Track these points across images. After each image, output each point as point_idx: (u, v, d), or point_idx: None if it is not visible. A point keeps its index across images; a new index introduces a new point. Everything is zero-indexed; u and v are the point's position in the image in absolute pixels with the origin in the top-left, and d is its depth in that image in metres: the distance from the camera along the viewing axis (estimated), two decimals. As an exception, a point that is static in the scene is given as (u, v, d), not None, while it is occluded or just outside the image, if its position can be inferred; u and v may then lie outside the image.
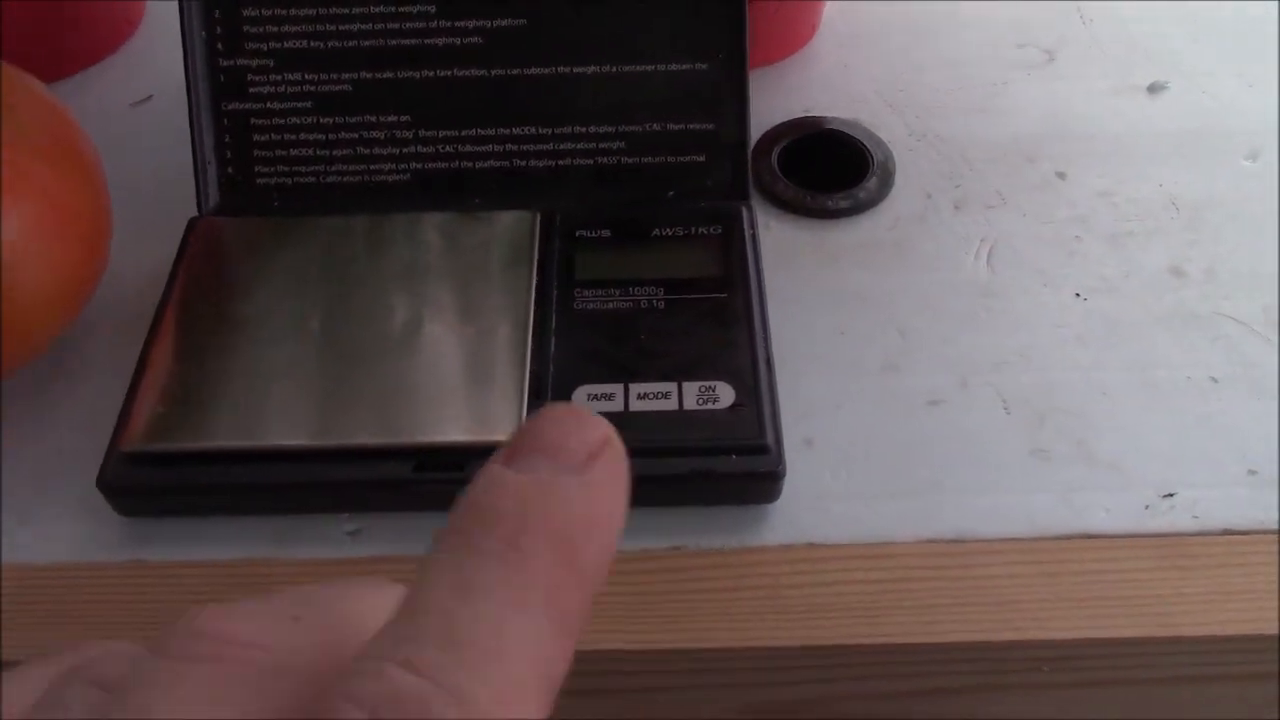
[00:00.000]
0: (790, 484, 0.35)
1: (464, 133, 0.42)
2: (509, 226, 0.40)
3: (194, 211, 0.41)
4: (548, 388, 0.35)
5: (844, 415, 0.37)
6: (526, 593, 0.15)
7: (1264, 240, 0.42)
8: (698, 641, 0.32)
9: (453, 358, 0.36)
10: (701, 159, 0.42)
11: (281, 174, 0.42)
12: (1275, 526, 0.34)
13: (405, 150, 0.42)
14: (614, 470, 0.17)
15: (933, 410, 0.37)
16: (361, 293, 0.38)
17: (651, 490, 0.34)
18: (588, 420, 0.18)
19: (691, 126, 0.42)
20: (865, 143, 0.45)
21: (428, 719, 0.14)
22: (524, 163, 0.42)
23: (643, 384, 0.35)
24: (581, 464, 0.17)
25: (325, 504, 0.35)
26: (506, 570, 0.16)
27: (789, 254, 0.42)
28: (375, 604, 0.17)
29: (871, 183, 0.44)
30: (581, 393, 0.35)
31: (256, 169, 0.42)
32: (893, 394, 0.38)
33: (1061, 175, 0.45)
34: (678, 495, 0.34)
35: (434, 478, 0.34)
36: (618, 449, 0.17)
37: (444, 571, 0.16)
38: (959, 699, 0.34)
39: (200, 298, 0.38)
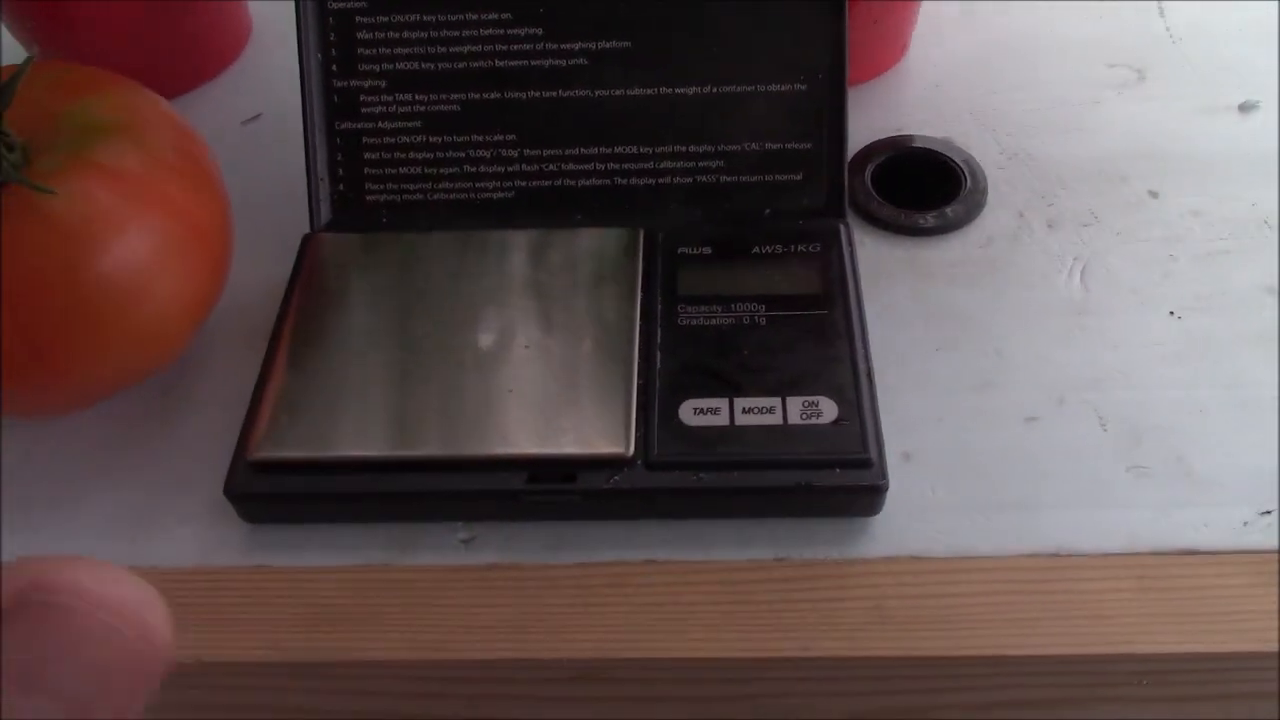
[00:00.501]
0: (891, 497, 0.36)
1: (567, 151, 0.43)
2: (613, 243, 0.41)
3: (306, 228, 0.43)
4: (655, 401, 0.36)
5: (942, 430, 0.38)
6: None
7: (1360, 259, 0.42)
8: (805, 650, 0.33)
9: (561, 371, 0.37)
10: (799, 178, 0.43)
11: (391, 191, 0.43)
12: (1376, 546, 0.35)
13: (510, 168, 0.43)
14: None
15: (1030, 427, 0.38)
16: (470, 306, 0.39)
17: (757, 502, 0.35)
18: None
19: (789, 146, 0.43)
20: (957, 161, 0.46)
21: None
22: (625, 181, 0.43)
23: (747, 399, 0.36)
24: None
25: (440, 513, 0.36)
26: None
27: (884, 271, 0.43)
28: None
29: (964, 201, 0.44)
30: (688, 407, 0.36)
31: (367, 186, 0.43)
32: (990, 410, 0.38)
33: (1154, 194, 0.45)
34: (782, 507, 0.35)
35: (545, 489, 0.35)
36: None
37: None
38: (1059, 710, 0.35)
39: (316, 312, 0.40)
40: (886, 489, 0.35)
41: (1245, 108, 0.48)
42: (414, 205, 0.43)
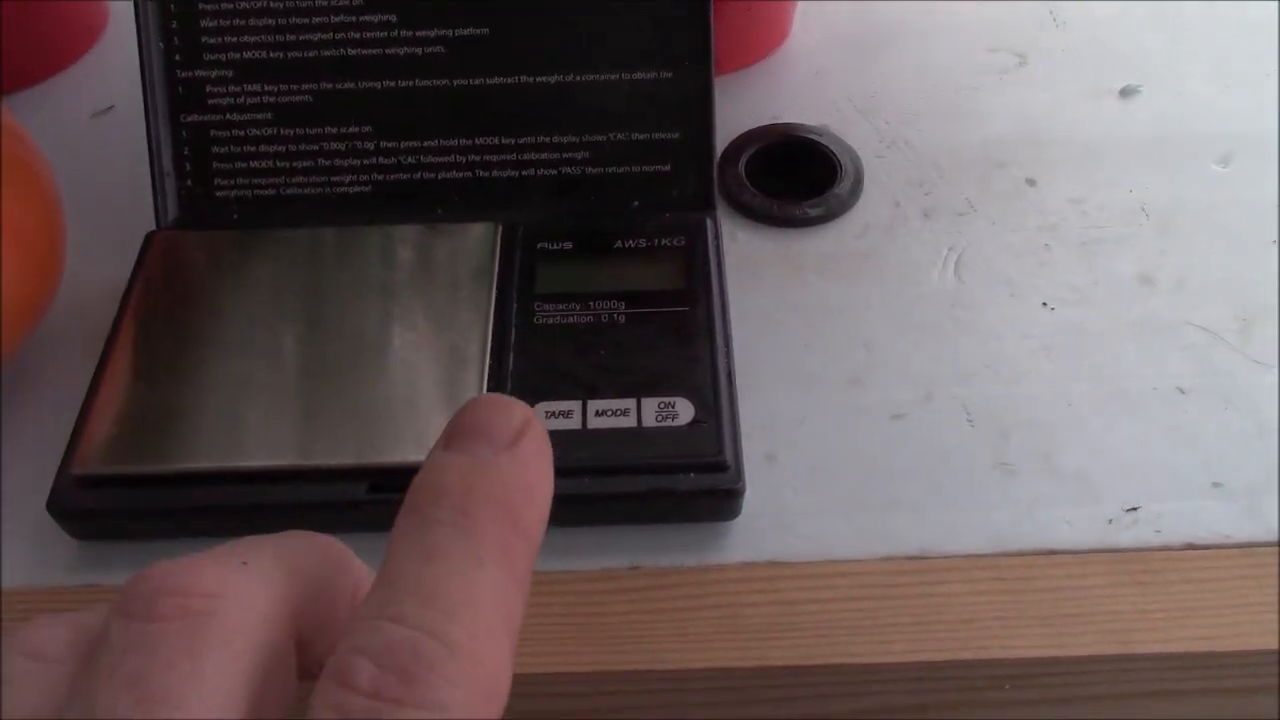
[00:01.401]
0: (751, 500, 0.34)
1: (426, 143, 0.41)
2: (470, 239, 0.40)
3: (153, 225, 0.41)
4: (505, 405, 0.35)
5: (807, 430, 0.37)
6: (482, 551, 0.18)
7: (1235, 247, 0.42)
8: (654, 663, 0.32)
9: (410, 375, 0.35)
10: (666, 169, 0.41)
11: (241, 186, 0.41)
12: (1238, 540, 0.34)
13: (366, 162, 0.41)
14: (539, 445, 0.20)
15: (896, 424, 0.37)
16: (320, 308, 0.38)
17: (609, 508, 0.34)
18: (511, 404, 0.20)
19: (656, 136, 0.41)
20: (834, 150, 0.45)
21: (420, 659, 0.16)
22: (487, 173, 0.41)
23: (601, 400, 0.35)
24: (510, 442, 0.20)
25: (279, 525, 0.34)
26: (461, 535, 0.18)
27: (755, 265, 0.42)
28: (310, 546, 0.21)
29: (840, 191, 0.43)
30: (539, 410, 0.35)
31: (216, 181, 0.41)
32: (857, 408, 0.37)
33: (1031, 182, 0.44)
34: (636, 513, 0.34)
35: (387, 499, 0.33)
36: (539, 428, 0.20)
37: (407, 543, 0.18)
38: (925, 714, 0.34)
39: (157, 314, 0.38)
40: (743, 493, 0.34)
41: (1126, 92, 0.47)
42: (266, 201, 0.41)
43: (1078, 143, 0.46)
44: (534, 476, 0.20)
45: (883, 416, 0.37)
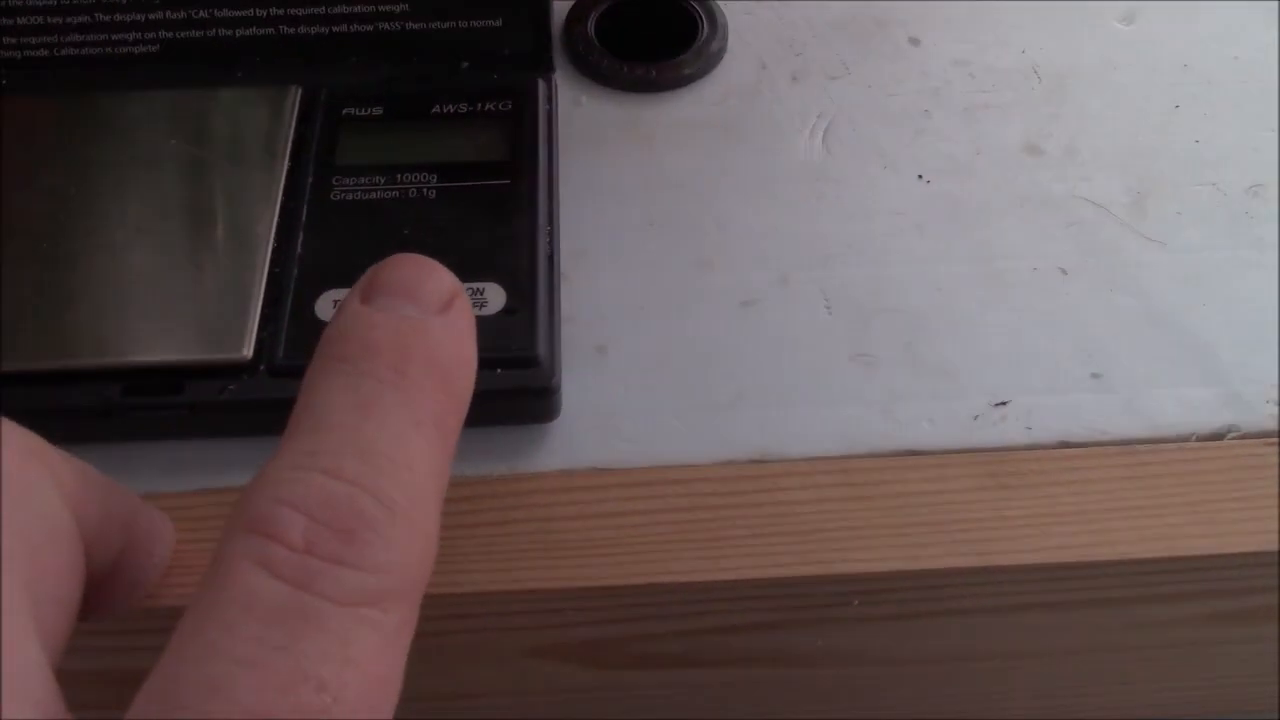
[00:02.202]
0: (574, 400, 0.30)
1: (219, -6, 0.36)
2: (266, 105, 0.34)
3: (-99, 91, 0.35)
4: (288, 295, 0.30)
5: (645, 319, 0.33)
6: (420, 414, 0.18)
7: (1133, 113, 0.38)
8: (454, 585, 0.28)
9: (180, 262, 0.31)
10: (497, 23, 0.36)
11: (8, 46, 0.36)
12: (1115, 436, 0.30)
13: (152, 16, 0.36)
14: (468, 315, 0.20)
15: (746, 312, 0.33)
16: (91, 185, 0.33)
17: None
18: (438, 268, 0.21)
19: (486, -14, 0.36)
20: (696, 5, 0.40)
21: (361, 518, 0.16)
22: (292, 30, 0.36)
23: (401, 287, 0.30)
24: (441, 307, 0.20)
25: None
26: (399, 394, 0.18)
27: (599, 134, 0.37)
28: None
29: (699, 52, 0.38)
30: (327, 299, 0.30)
31: (-24, 40, 0.36)
32: (703, 294, 0.33)
33: (915, 41, 0.40)
34: (439, 416, 0.30)
35: (145, 402, 0.29)
36: (465, 297, 0.21)
37: (339, 393, 0.18)
38: (758, 636, 0.30)
39: (-106, 192, 0.32)
40: (557, 390, 0.29)
41: (1024, -58, 0.43)
42: (38, 63, 0.36)
43: (969, 2, 0.41)
44: (465, 345, 0.20)
45: (731, 303, 0.33)
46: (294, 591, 0.15)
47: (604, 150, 0.36)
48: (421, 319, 0.19)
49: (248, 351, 0.29)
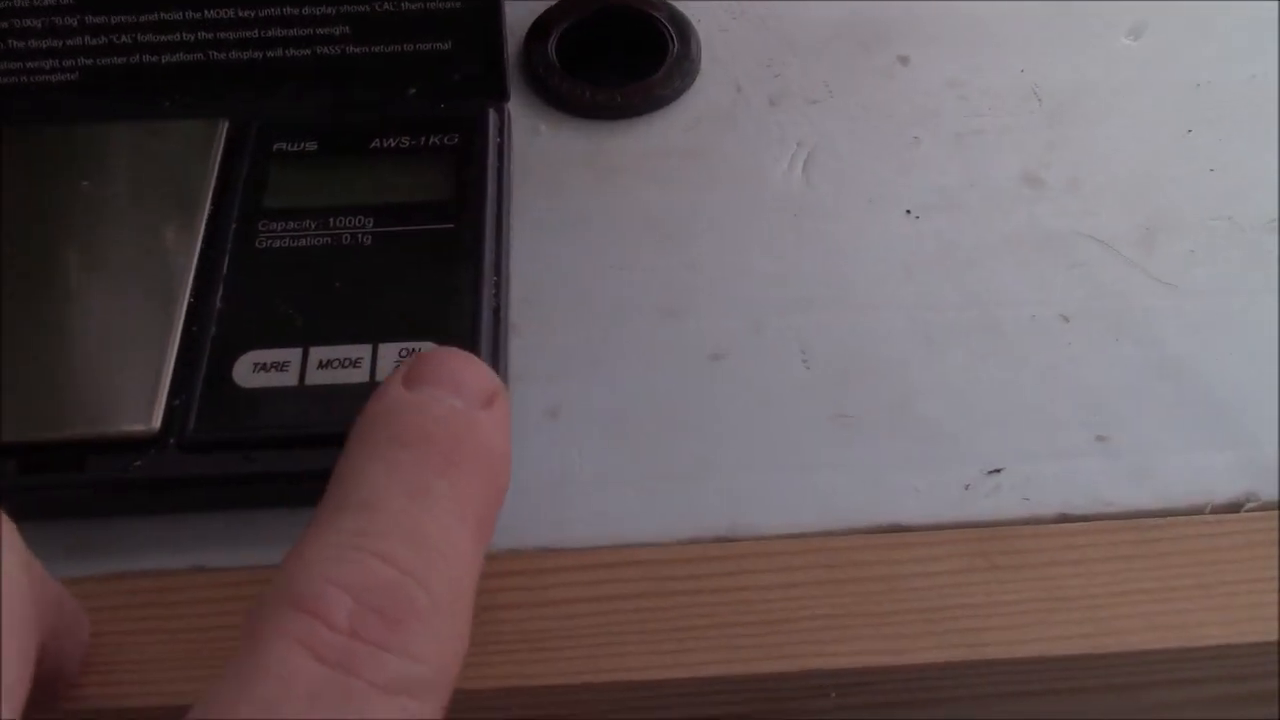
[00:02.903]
0: (524, 469, 0.27)
1: (143, 18, 0.33)
2: (186, 140, 0.31)
3: None
4: (204, 358, 0.27)
5: (603, 376, 0.30)
6: (465, 508, 0.18)
7: (1142, 140, 0.34)
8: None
9: (84, 320, 0.28)
10: (446, 47, 0.33)
11: (-90, 74, 0.33)
12: (1122, 509, 0.27)
13: (70, 42, 0.33)
14: (508, 409, 0.20)
15: (715, 366, 0.30)
16: (-3, 230, 0.30)
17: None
18: (479, 364, 0.20)
19: (433, 5, 0.33)
20: (666, 22, 0.37)
21: (409, 607, 0.16)
22: (222, 55, 0.33)
23: (327, 348, 0.27)
24: (485, 401, 0.20)
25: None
26: (449, 486, 0.18)
27: (558, 165, 0.34)
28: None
29: (669, 73, 0.35)
30: (247, 362, 0.27)
31: (-121, 68, 0.33)
32: (669, 345, 0.30)
33: (903, 60, 0.36)
34: (370, 491, 0.27)
35: (43, 481, 0.26)
36: (505, 393, 0.21)
37: (390, 474, 0.18)
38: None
39: None
40: (499, 470, 0.26)
41: (1023, -50, 0.39)
42: (-56, 92, 0.33)
43: (962, 12, 0.38)
44: (507, 441, 0.20)
45: (699, 356, 0.30)
46: (336, 674, 0.15)
47: (563, 184, 0.33)
48: (469, 412, 0.19)
49: (155, 423, 0.26)
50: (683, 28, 0.36)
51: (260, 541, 0.27)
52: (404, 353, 0.27)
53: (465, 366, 0.20)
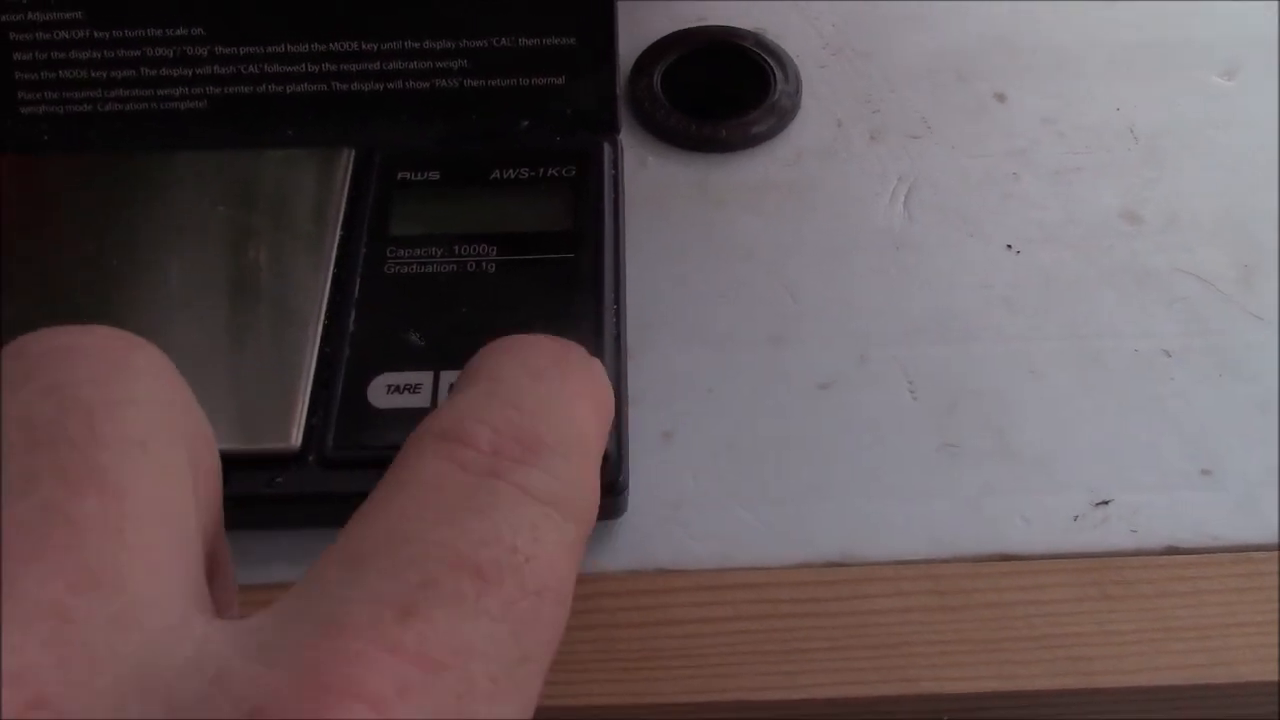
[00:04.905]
0: (641, 490, 0.28)
1: (270, 49, 0.34)
2: (317, 168, 0.33)
3: (-57, 149, 0.34)
4: (339, 378, 0.28)
5: (715, 401, 0.30)
6: (580, 406, 0.18)
7: (1238, 177, 0.35)
8: (510, 697, 0.26)
9: (223, 340, 0.29)
10: (560, 81, 0.34)
11: (51, 101, 0.34)
12: (1230, 542, 0.28)
13: (200, 71, 0.34)
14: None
15: (823, 394, 0.31)
16: (134, 253, 0.31)
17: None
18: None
19: (548, 41, 0.34)
20: (768, 58, 0.38)
21: (542, 439, 0.16)
22: (345, 86, 0.34)
23: (457, 371, 0.28)
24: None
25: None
26: (563, 377, 0.18)
27: (665, 197, 0.35)
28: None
29: (772, 108, 0.36)
30: (380, 384, 0.28)
31: (20, 95, 0.34)
32: (777, 373, 0.31)
33: (1000, 97, 0.37)
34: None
35: (188, 494, 0.27)
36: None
37: (509, 358, 0.18)
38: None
39: (-68, 260, 0.31)
40: (624, 489, 0.27)
41: (1116, -10, 0.40)
42: (81, 119, 0.34)
43: (1056, 49, 0.38)
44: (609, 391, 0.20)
45: (807, 384, 0.31)
46: (484, 479, 0.15)
47: (671, 215, 0.34)
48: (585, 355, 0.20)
49: (296, 441, 0.27)
50: (784, 64, 0.37)
51: (389, 556, 0.28)
52: (529, 377, 0.28)
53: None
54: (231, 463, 0.27)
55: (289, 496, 0.27)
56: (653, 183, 0.35)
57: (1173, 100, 0.37)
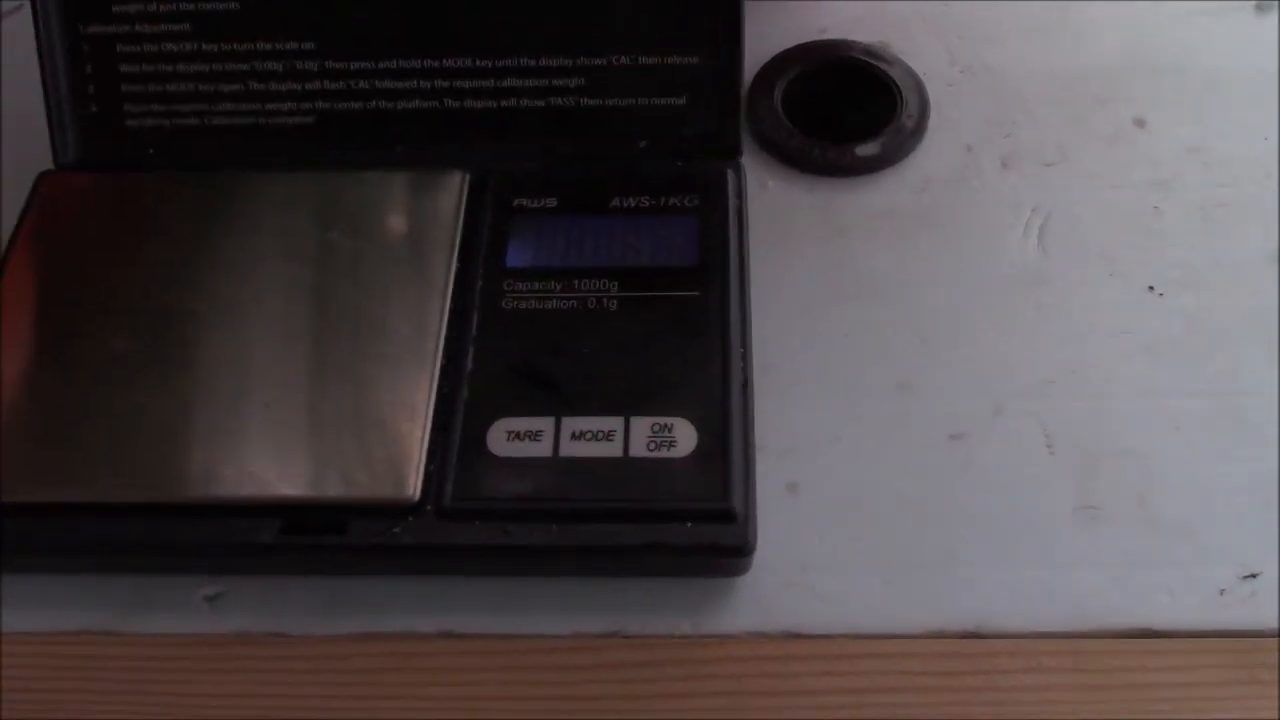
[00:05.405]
0: (766, 546, 0.27)
1: (382, 64, 0.33)
2: (429, 191, 0.32)
3: (49, 163, 0.33)
4: (457, 421, 0.27)
5: (841, 451, 0.29)
6: None
7: (1398, 217, 0.33)
8: (633, 765, 0.25)
9: (335, 379, 0.28)
10: (681, 102, 0.33)
11: (157, 115, 0.34)
12: (1392, 626, 0.26)
13: (309, 86, 0.33)
14: None
15: (955, 447, 0.29)
16: (229, 283, 0.30)
17: (585, 562, 0.27)
18: None
19: (669, 60, 0.33)
20: (894, 76, 0.36)
21: None
22: (457, 103, 0.33)
23: (579, 418, 0.27)
24: None
25: (179, 566, 0.28)
26: None
27: (786, 225, 0.33)
28: None
29: (897, 130, 0.35)
30: (500, 429, 0.27)
31: (126, 108, 0.34)
32: (905, 422, 0.30)
33: (1140, 123, 0.35)
34: (621, 567, 0.27)
35: (304, 542, 0.26)
36: None
37: None
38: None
39: (35, 287, 0.31)
40: (752, 550, 0.26)
41: (1263, 6, 0.38)
42: (187, 133, 0.34)
43: (1201, 72, 0.36)
44: None
45: (938, 435, 0.29)
46: None
47: (792, 244, 0.33)
48: None
49: (414, 492, 0.26)
50: (911, 82, 0.36)
51: (509, 609, 0.27)
52: (656, 427, 0.27)
53: None
54: (350, 511, 0.26)
55: (407, 547, 0.26)
56: (774, 208, 0.34)
57: (1327, 130, 0.35)
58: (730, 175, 0.32)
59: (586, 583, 0.27)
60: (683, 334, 0.29)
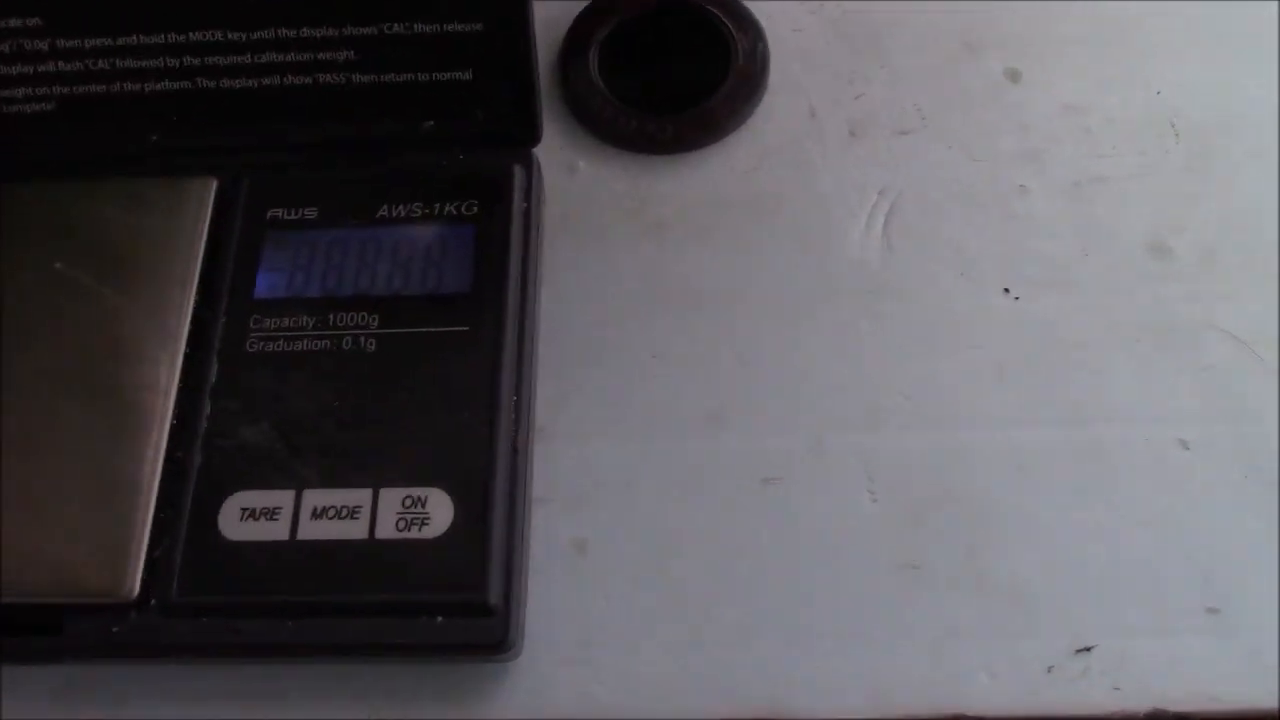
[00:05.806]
0: (549, 616, 0.25)
1: (120, 41, 0.28)
2: (172, 205, 0.27)
3: None
4: (187, 497, 0.24)
5: (638, 501, 0.26)
6: None
7: (1298, 192, 0.29)
8: None
9: (58, 450, 0.25)
10: (467, 76, 0.28)
11: None
12: (1230, 707, 0.24)
13: (41, 68, 0.29)
14: None
15: (767, 493, 0.26)
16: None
17: (327, 653, 0.24)
18: None
19: (449, 28, 0.28)
20: (729, 22, 0.31)
21: None
22: (213, 83, 0.29)
23: (323, 491, 0.24)
24: None
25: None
26: None
27: (597, 215, 0.29)
28: None
29: (729, 95, 0.30)
30: (234, 506, 0.24)
31: None
32: (714, 463, 0.26)
33: (1014, 75, 0.31)
34: (369, 656, 0.24)
35: (19, 643, 0.24)
36: None
37: None
38: None
39: None
40: (511, 646, 0.23)
41: (1174, -79, 0.32)
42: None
43: (1090, 17, 0.31)
44: None
45: (750, 479, 0.26)
46: None
47: (599, 241, 0.29)
48: None
49: (134, 588, 0.23)
50: (751, 31, 0.31)
51: (255, 695, 0.24)
52: (408, 501, 0.24)
53: None
54: (66, 611, 0.23)
55: (128, 644, 0.23)
56: (581, 195, 0.30)
57: (1231, 84, 0.30)
58: (518, 172, 0.27)
59: (343, 666, 0.25)
60: (447, 382, 0.25)
